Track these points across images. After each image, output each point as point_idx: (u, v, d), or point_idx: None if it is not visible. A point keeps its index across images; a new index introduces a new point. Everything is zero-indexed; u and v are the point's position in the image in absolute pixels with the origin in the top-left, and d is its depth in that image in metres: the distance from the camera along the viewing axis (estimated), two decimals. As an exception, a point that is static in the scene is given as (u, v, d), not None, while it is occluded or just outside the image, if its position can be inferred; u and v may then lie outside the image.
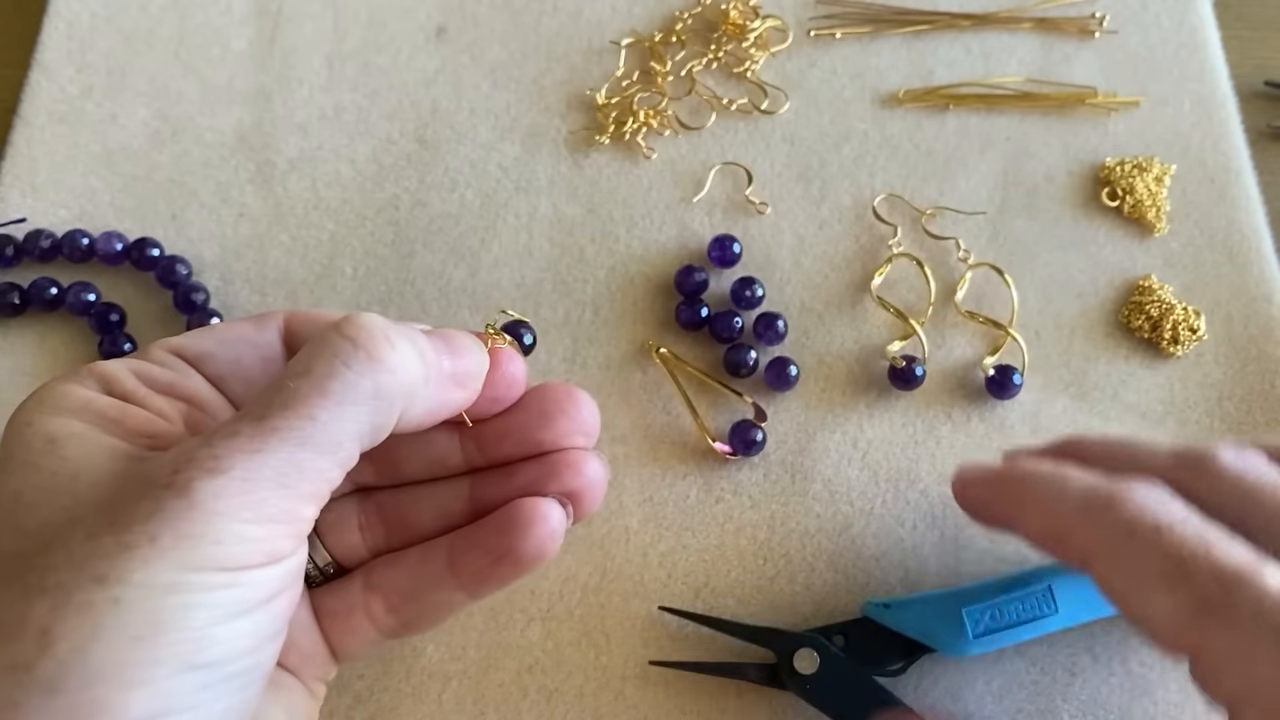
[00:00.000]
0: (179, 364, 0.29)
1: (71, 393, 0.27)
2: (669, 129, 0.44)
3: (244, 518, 0.23)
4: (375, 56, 0.45)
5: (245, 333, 0.30)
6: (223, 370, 0.29)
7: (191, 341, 0.29)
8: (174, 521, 0.22)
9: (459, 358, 0.28)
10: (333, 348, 0.25)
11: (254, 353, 0.29)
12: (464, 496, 0.32)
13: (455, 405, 0.29)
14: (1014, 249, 0.41)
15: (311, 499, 0.25)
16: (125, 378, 0.27)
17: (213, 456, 0.23)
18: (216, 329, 0.30)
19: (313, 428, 0.24)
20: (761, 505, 0.38)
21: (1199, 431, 0.38)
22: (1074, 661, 0.35)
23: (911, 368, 0.39)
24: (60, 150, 0.43)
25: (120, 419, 0.26)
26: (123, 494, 0.24)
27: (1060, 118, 0.44)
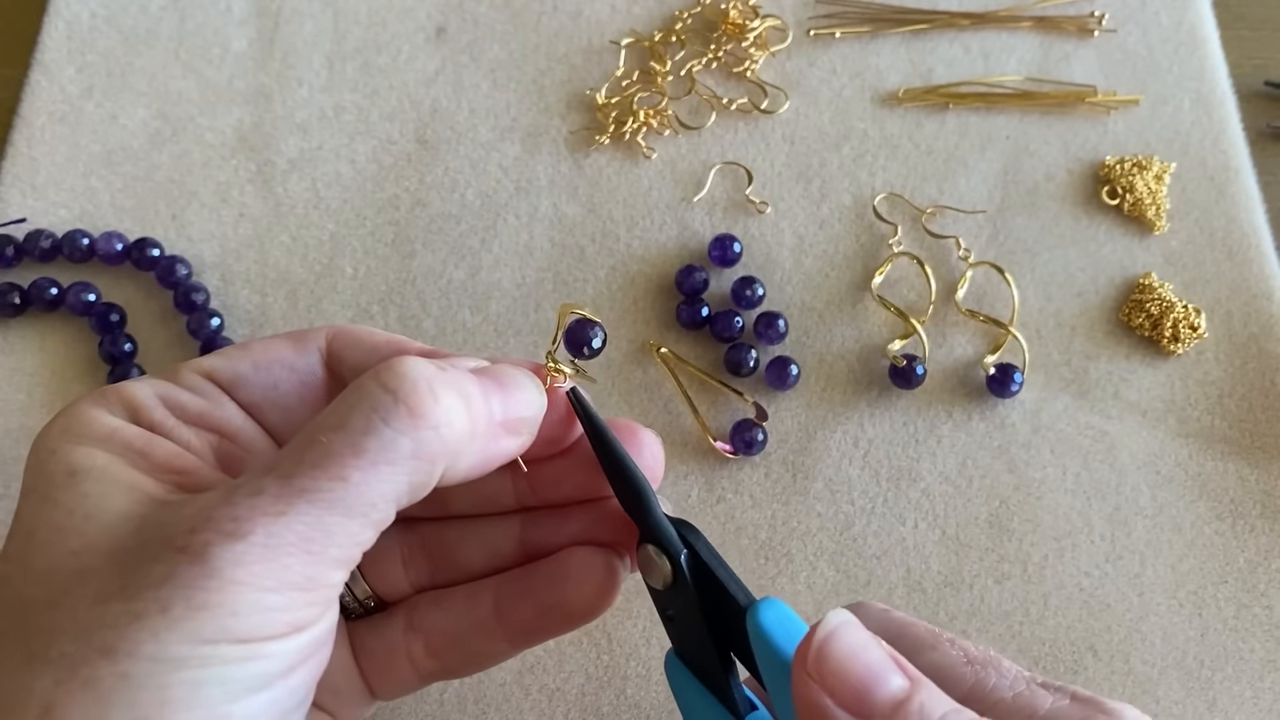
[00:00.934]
0: (211, 390, 0.26)
1: (97, 420, 0.25)
2: (669, 129, 0.44)
3: (265, 586, 0.21)
4: (375, 56, 0.45)
5: (283, 354, 0.27)
6: (257, 397, 0.27)
7: (225, 364, 0.27)
8: (188, 590, 0.21)
9: (512, 402, 0.25)
10: (371, 400, 0.23)
11: (292, 377, 0.27)
12: (514, 536, 0.29)
13: (506, 455, 0.26)
14: (1014, 247, 0.41)
15: (340, 564, 0.23)
16: (154, 406, 0.25)
17: (233, 519, 0.21)
18: (252, 348, 0.27)
19: (344, 489, 0.22)
20: (763, 504, 0.38)
21: (1200, 429, 0.39)
22: (1077, 659, 0.35)
23: (912, 367, 0.39)
24: (60, 150, 0.43)
25: (146, 451, 0.24)
26: (137, 549, 0.22)
27: (1060, 116, 0.44)
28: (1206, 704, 0.35)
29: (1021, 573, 0.37)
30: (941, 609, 0.36)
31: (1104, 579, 0.36)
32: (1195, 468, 0.38)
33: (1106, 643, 0.35)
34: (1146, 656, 0.35)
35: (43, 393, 0.39)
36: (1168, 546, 0.37)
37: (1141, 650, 0.35)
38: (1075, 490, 0.38)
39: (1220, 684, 0.35)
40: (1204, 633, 0.36)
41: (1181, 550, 0.37)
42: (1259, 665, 0.35)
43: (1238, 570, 0.36)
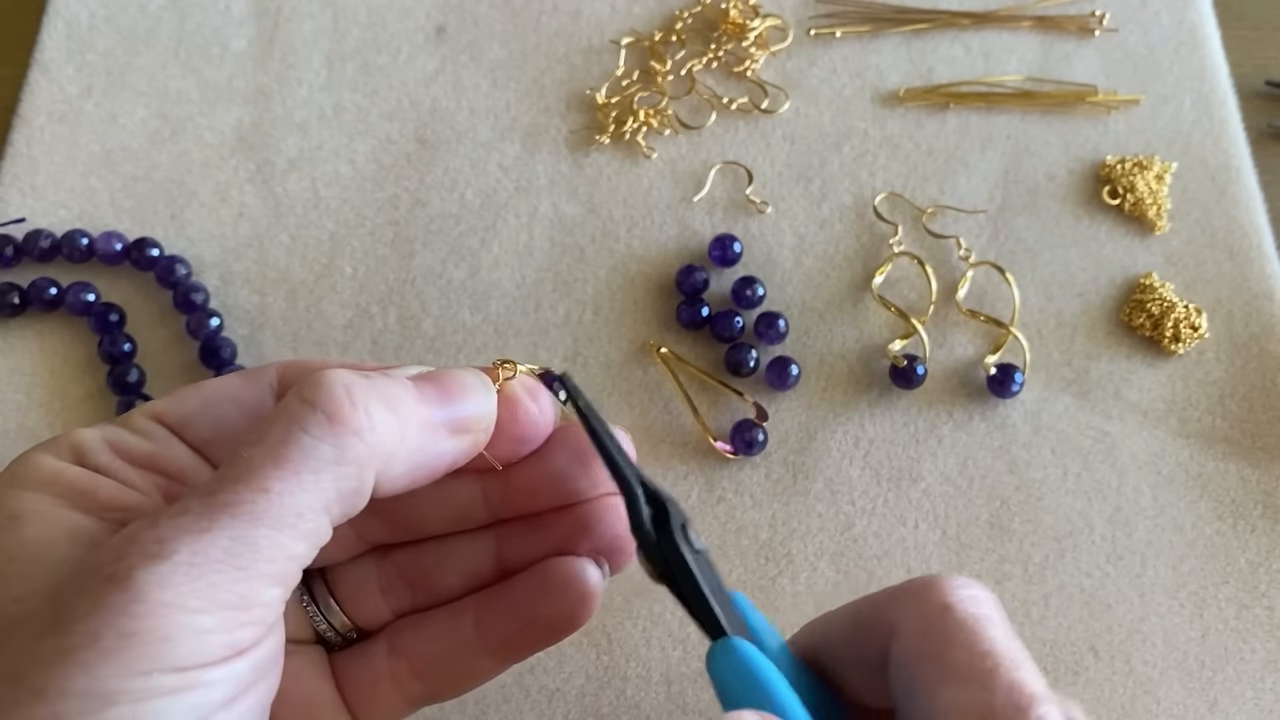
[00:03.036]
0: (159, 432, 0.26)
1: (42, 464, 0.24)
2: (669, 128, 0.44)
3: (194, 607, 0.20)
4: (375, 56, 0.45)
5: (234, 390, 0.27)
6: (206, 434, 0.26)
7: (174, 406, 0.26)
8: (115, 618, 0.20)
9: (455, 401, 0.25)
10: (289, 412, 0.23)
11: (240, 412, 0.26)
12: (491, 554, 0.29)
13: (456, 455, 0.26)
14: (1015, 247, 0.41)
15: (273, 580, 0.22)
16: (99, 449, 0.25)
17: (157, 540, 0.21)
18: (204, 387, 0.27)
19: (267, 500, 0.22)
20: (763, 504, 0.38)
21: (1201, 430, 0.38)
22: (1077, 660, 0.35)
23: (913, 367, 0.39)
24: (60, 150, 0.43)
25: (89, 491, 0.24)
26: (71, 585, 0.21)
27: (1061, 116, 0.44)
28: (1207, 705, 0.35)
29: (1022, 573, 0.36)
30: (942, 609, 0.36)
31: (1105, 579, 0.36)
32: (1196, 468, 0.38)
33: (1107, 643, 0.35)
34: (1147, 657, 0.35)
35: (41, 393, 0.39)
36: (1169, 547, 0.37)
37: (1142, 651, 0.35)
38: (1076, 490, 0.38)
39: (1221, 684, 0.35)
40: (1205, 633, 0.36)
41: (1182, 551, 0.37)
42: (1260, 666, 0.35)
43: (1239, 571, 0.36)
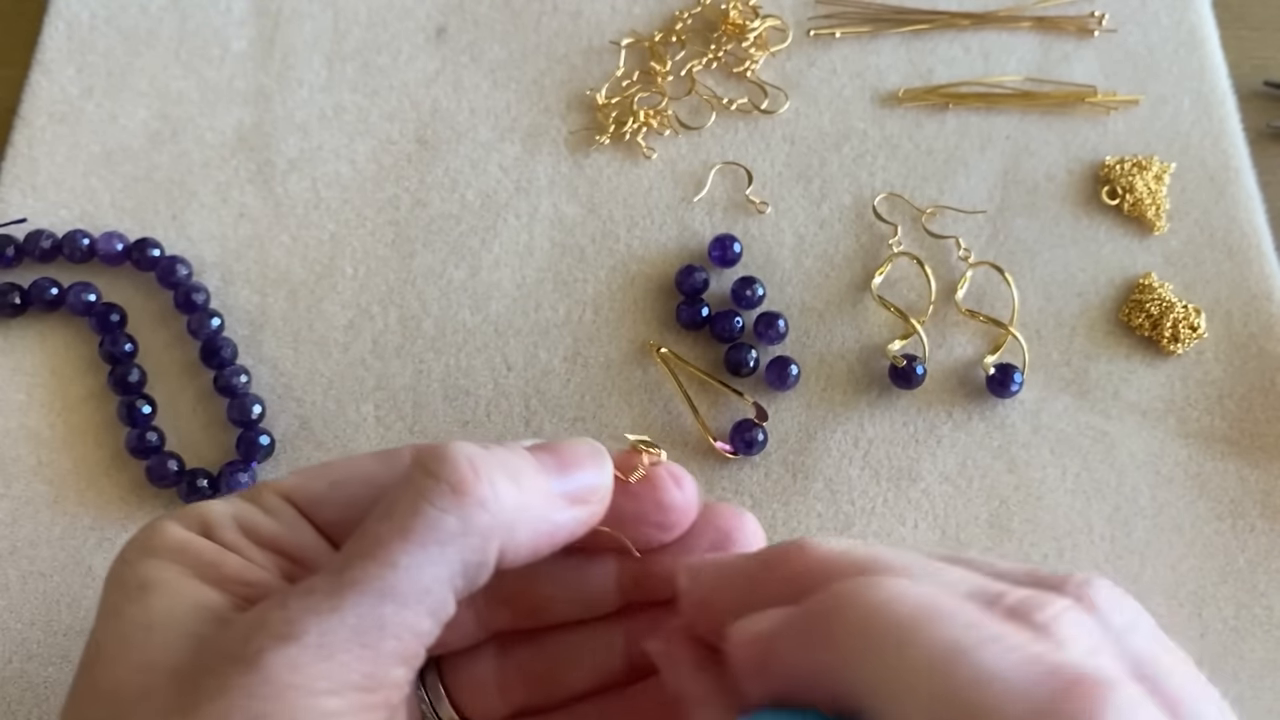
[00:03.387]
0: (287, 513, 0.25)
1: (170, 533, 0.24)
2: (669, 129, 0.44)
3: (322, 689, 0.20)
4: (375, 57, 0.45)
5: (366, 473, 0.26)
6: (336, 517, 0.25)
7: (304, 485, 0.26)
8: (244, 700, 0.20)
9: (572, 474, 0.25)
10: (415, 485, 0.22)
11: (371, 495, 0.25)
12: (619, 649, 0.27)
13: (575, 525, 0.25)
14: (1014, 248, 0.41)
15: (400, 659, 0.22)
16: (226, 525, 0.25)
17: (285, 621, 0.21)
18: (336, 468, 0.26)
19: (394, 575, 0.21)
20: (763, 504, 0.38)
21: (1200, 429, 0.39)
22: (1075, 660, 0.35)
23: (912, 367, 0.39)
24: (61, 150, 0.43)
25: (216, 564, 0.24)
26: (197, 663, 0.21)
27: (1060, 116, 0.44)
28: (1206, 704, 0.35)
29: (1021, 573, 0.37)
30: (941, 609, 0.36)
31: (1104, 579, 0.36)
32: (1195, 468, 0.38)
33: (1106, 643, 0.35)
34: (1146, 656, 0.35)
35: (43, 393, 0.39)
36: (1168, 546, 0.37)
37: (1141, 650, 0.35)
38: (1075, 490, 0.38)
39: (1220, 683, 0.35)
40: (1204, 633, 0.36)
41: (1181, 550, 0.37)
42: (1259, 665, 0.35)
43: (1237, 570, 0.37)
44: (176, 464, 0.37)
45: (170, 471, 0.37)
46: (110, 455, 0.38)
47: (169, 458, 0.37)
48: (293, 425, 0.39)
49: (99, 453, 0.38)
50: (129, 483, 0.38)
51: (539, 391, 0.39)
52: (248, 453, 0.37)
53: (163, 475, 0.37)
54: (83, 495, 0.37)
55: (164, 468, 0.37)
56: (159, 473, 0.37)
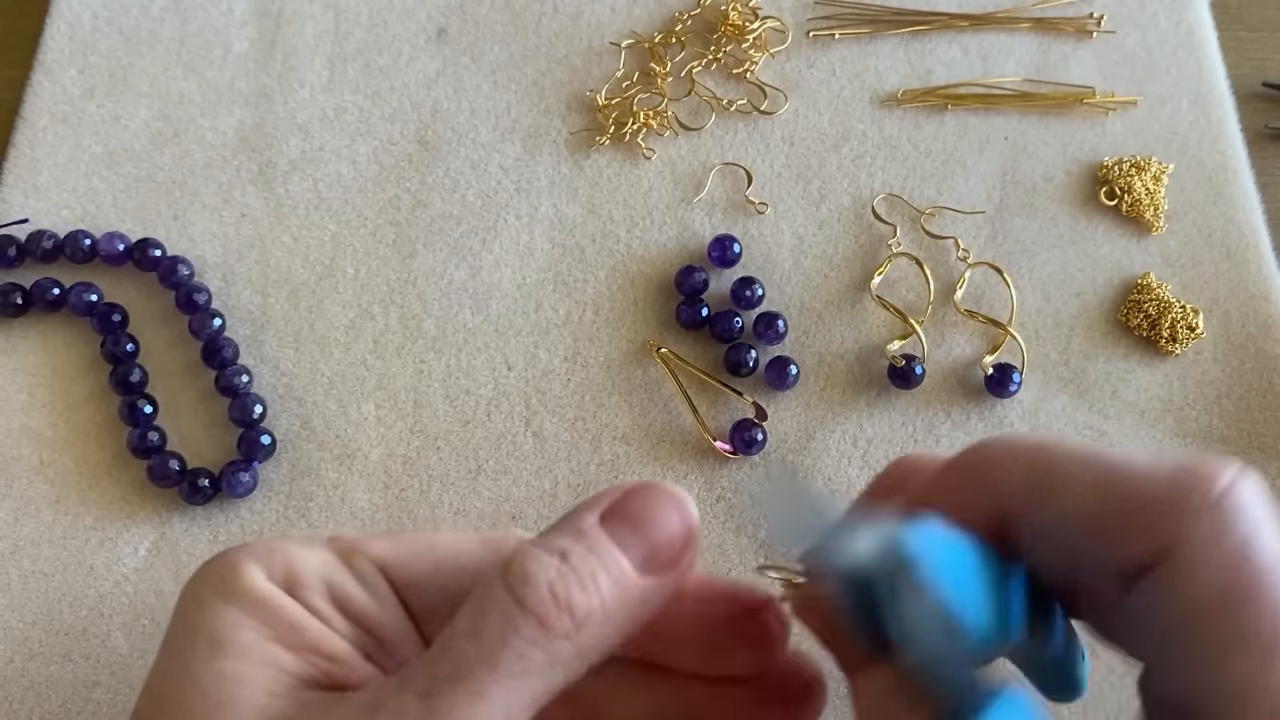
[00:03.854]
0: (382, 587, 0.24)
1: (252, 580, 0.23)
2: (669, 129, 0.44)
3: None
4: (376, 58, 0.45)
5: (470, 561, 0.25)
6: (431, 604, 0.25)
7: (405, 562, 0.25)
8: None
9: (649, 536, 0.23)
10: (502, 609, 0.22)
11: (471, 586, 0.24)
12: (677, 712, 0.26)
13: (660, 598, 0.23)
14: (1013, 248, 0.42)
15: None
16: (316, 589, 0.24)
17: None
18: (438, 547, 0.25)
19: (483, 704, 0.21)
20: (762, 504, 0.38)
21: (1198, 429, 0.39)
22: (1074, 658, 0.35)
23: (911, 367, 0.39)
24: (62, 151, 0.43)
25: (299, 629, 0.23)
26: None
27: (1058, 117, 0.44)
28: (1204, 702, 0.35)
29: (1020, 572, 0.37)
30: (940, 608, 0.36)
31: (1102, 578, 0.36)
32: (1193, 467, 0.38)
33: (1104, 641, 0.36)
34: (1144, 655, 0.35)
35: (45, 392, 0.39)
36: (1165, 546, 0.37)
37: (1139, 649, 0.35)
38: (1073, 490, 0.38)
39: (1218, 682, 0.35)
40: (1202, 631, 0.36)
41: (1179, 549, 0.37)
42: (1256, 664, 0.35)
43: (1235, 569, 0.37)
44: (178, 464, 0.37)
45: (172, 471, 0.37)
46: (112, 455, 0.38)
47: (170, 457, 0.37)
48: (294, 425, 0.39)
49: (100, 452, 0.38)
50: (130, 482, 0.38)
51: (539, 391, 0.39)
52: (249, 452, 0.38)
53: (164, 475, 0.37)
54: (84, 495, 0.38)
55: (165, 467, 0.37)
56: (160, 472, 0.37)
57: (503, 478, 0.38)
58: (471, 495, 0.38)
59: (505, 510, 0.37)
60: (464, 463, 0.38)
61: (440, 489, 0.38)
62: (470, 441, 0.38)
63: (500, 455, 0.38)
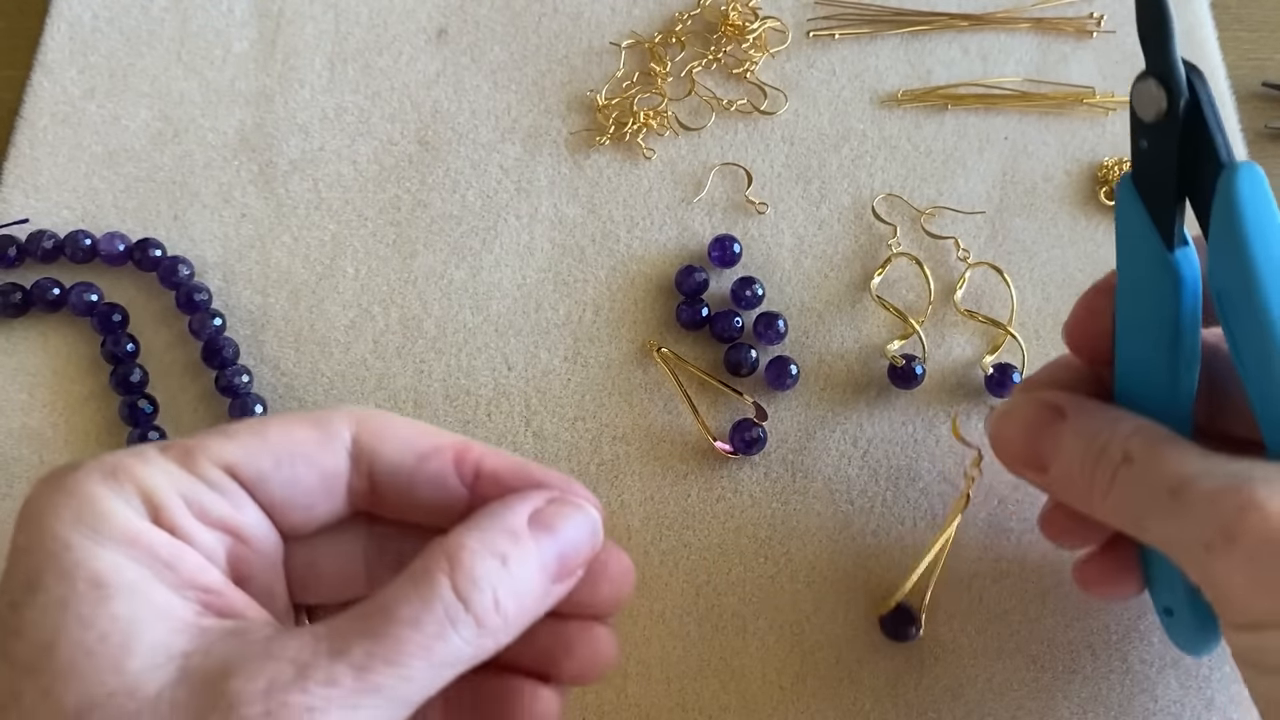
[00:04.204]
0: (234, 489, 0.25)
1: (117, 514, 0.23)
2: (669, 130, 0.44)
3: None
4: (376, 58, 0.45)
5: (307, 448, 0.25)
6: (278, 497, 0.25)
7: (247, 459, 0.25)
8: None
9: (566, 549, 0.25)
10: (445, 604, 0.23)
11: (315, 476, 0.25)
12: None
13: (552, 605, 0.25)
14: (1013, 248, 0.42)
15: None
16: (176, 508, 0.24)
17: (308, 709, 0.21)
18: (270, 436, 0.25)
19: (411, 686, 0.22)
20: (762, 504, 0.38)
21: (1197, 429, 0.39)
22: (1074, 658, 0.35)
23: (911, 366, 0.39)
24: (63, 151, 0.43)
25: (174, 564, 0.23)
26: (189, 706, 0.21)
27: (1058, 117, 0.44)
28: (1204, 702, 0.35)
29: (1019, 571, 0.37)
30: (940, 608, 0.36)
31: (1102, 578, 0.36)
32: (1193, 467, 0.38)
33: (1105, 641, 0.36)
34: (1144, 655, 0.35)
35: (45, 392, 0.39)
36: (1165, 545, 0.37)
37: (1139, 649, 0.36)
38: (1073, 489, 0.38)
39: (1218, 683, 0.35)
40: (1201, 631, 0.36)
41: (1179, 549, 0.37)
42: (1256, 664, 0.35)
43: (1235, 569, 0.37)
44: (178, 463, 0.37)
45: (172, 471, 0.37)
46: (112, 455, 0.38)
47: (171, 457, 0.37)
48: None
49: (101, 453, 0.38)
50: (131, 482, 0.38)
51: (539, 391, 0.39)
52: (249, 452, 0.37)
53: (165, 475, 0.37)
54: (85, 495, 0.37)
55: (166, 467, 0.37)
56: (161, 472, 0.37)
57: (503, 478, 0.38)
58: (472, 495, 0.38)
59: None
60: (464, 463, 0.38)
61: (440, 489, 0.38)
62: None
63: (500, 455, 0.38)
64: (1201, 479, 0.25)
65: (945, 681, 0.35)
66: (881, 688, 0.35)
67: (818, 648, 0.36)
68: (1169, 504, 0.25)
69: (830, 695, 0.35)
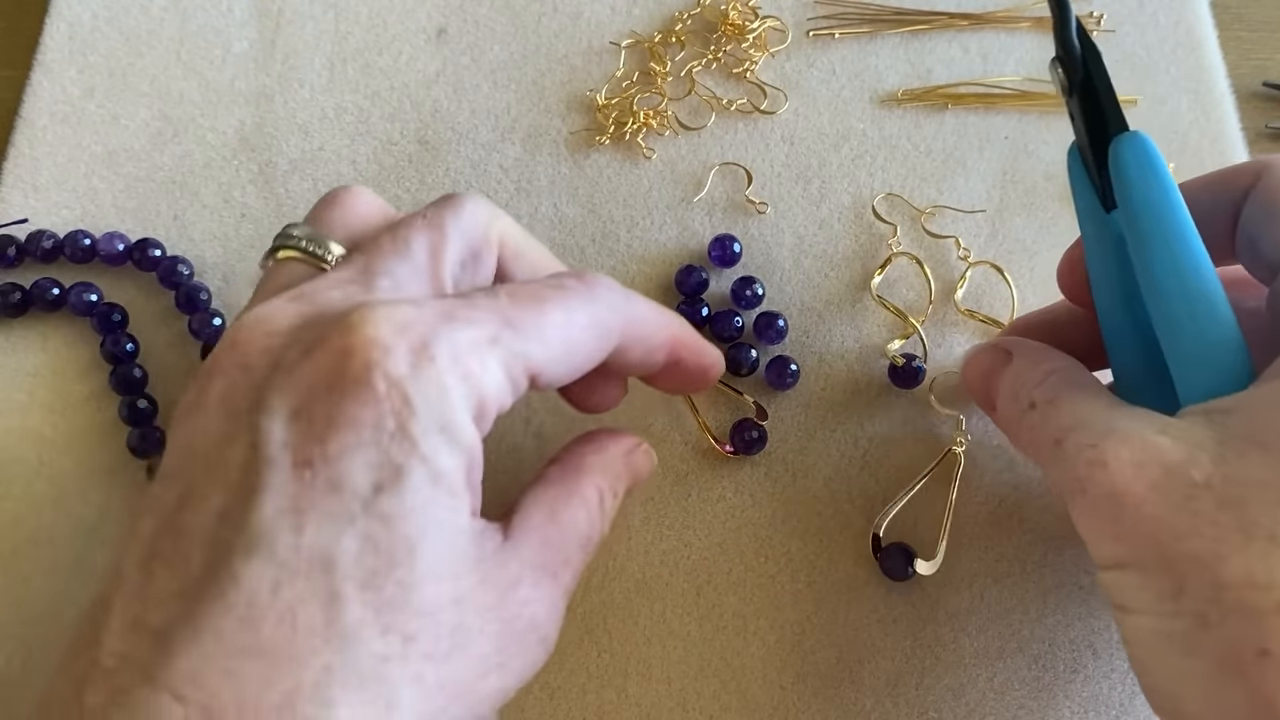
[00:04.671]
0: (525, 389, 0.27)
1: (467, 426, 0.24)
2: (669, 129, 0.44)
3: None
4: (376, 58, 0.45)
5: (589, 352, 0.28)
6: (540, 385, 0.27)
7: (548, 364, 0.26)
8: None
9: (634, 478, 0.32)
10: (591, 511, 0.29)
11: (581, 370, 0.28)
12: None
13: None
14: (1013, 247, 0.42)
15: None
16: (492, 416, 0.25)
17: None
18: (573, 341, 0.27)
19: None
20: (763, 503, 0.38)
21: (1198, 429, 0.39)
22: (1076, 658, 0.35)
23: (912, 366, 0.39)
24: (62, 151, 0.43)
25: (473, 477, 0.25)
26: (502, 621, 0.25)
27: (1059, 116, 0.44)
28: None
29: (1020, 570, 0.37)
30: (940, 607, 0.36)
31: (1103, 577, 0.36)
32: (1193, 467, 0.38)
33: (1106, 641, 0.36)
34: (1145, 654, 0.35)
35: (44, 393, 0.39)
36: (1166, 545, 0.37)
37: (1140, 648, 0.35)
38: (1074, 489, 0.38)
39: (1219, 682, 0.35)
40: (1202, 631, 0.36)
41: (1180, 549, 0.37)
42: (1257, 663, 0.35)
43: (1236, 569, 0.37)
44: (178, 463, 0.37)
45: (172, 471, 0.37)
46: (112, 455, 0.38)
47: (170, 457, 0.37)
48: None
49: (101, 453, 0.38)
50: (131, 482, 0.38)
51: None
52: (249, 452, 0.37)
53: (164, 475, 0.37)
54: (85, 495, 0.37)
55: (166, 467, 0.37)
56: (161, 472, 0.37)
57: (503, 478, 0.38)
58: (472, 495, 0.38)
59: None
60: (464, 462, 0.38)
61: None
62: (470, 441, 0.38)
63: (500, 455, 0.38)
64: (1078, 431, 0.26)
65: (946, 681, 0.35)
66: (881, 688, 0.35)
67: (818, 648, 0.36)
68: (1053, 452, 0.27)
69: (830, 695, 0.35)
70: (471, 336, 0.24)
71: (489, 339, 0.25)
